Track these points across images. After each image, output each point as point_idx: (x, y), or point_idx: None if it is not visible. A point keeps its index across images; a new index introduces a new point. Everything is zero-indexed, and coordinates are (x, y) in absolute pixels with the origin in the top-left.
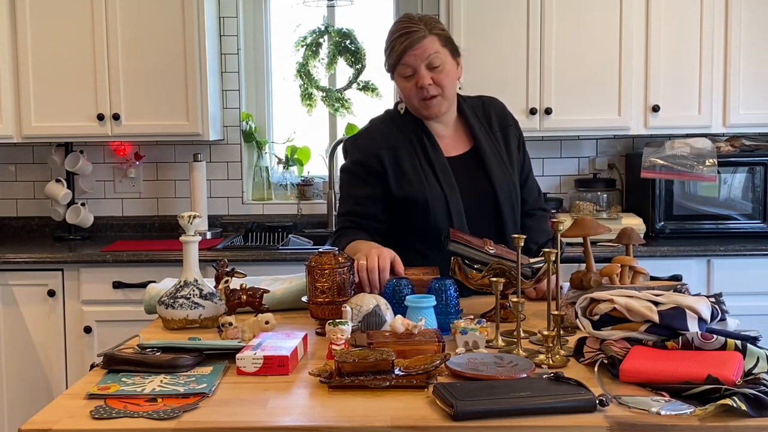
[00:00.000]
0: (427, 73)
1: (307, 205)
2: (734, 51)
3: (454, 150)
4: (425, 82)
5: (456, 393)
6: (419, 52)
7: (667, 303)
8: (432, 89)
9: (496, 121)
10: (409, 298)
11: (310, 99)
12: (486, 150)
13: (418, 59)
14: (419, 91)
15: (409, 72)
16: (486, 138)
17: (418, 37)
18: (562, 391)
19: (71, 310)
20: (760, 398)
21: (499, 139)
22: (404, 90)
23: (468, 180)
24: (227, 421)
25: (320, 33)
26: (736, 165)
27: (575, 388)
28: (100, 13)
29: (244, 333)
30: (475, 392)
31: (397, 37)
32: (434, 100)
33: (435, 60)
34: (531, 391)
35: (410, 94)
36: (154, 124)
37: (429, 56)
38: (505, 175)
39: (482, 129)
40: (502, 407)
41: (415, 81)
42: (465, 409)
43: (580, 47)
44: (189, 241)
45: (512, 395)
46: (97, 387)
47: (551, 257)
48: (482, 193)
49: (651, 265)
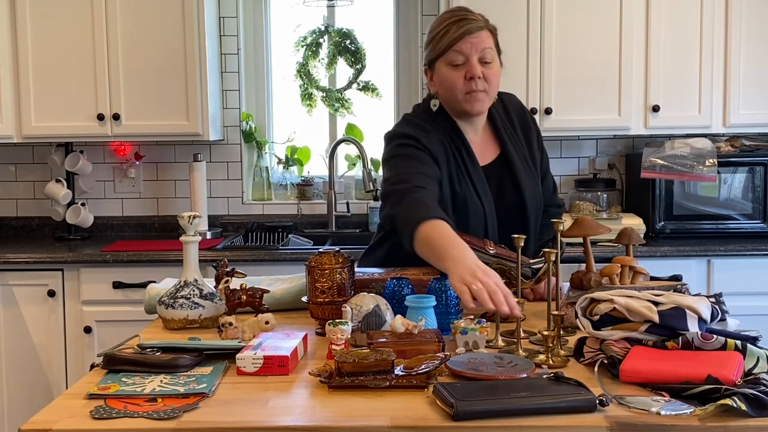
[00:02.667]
0: (478, 64)
1: (307, 205)
2: (734, 51)
3: (483, 158)
4: (476, 73)
5: (456, 393)
6: (476, 41)
7: (667, 303)
8: (480, 83)
9: (517, 120)
10: (409, 298)
11: (310, 99)
12: (514, 157)
13: (473, 48)
14: (467, 83)
15: (460, 60)
16: (512, 142)
17: (477, 26)
18: (562, 391)
19: (71, 310)
20: (760, 398)
21: (522, 140)
22: (449, 79)
23: (498, 190)
24: (227, 421)
25: (320, 33)
26: (736, 165)
27: (575, 388)
28: (100, 14)
29: (244, 333)
30: (475, 392)
31: (453, 22)
32: (480, 94)
33: (488, 54)
34: (531, 391)
35: (456, 85)
36: (154, 124)
37: (484, 49)
38: (532, 183)
39: (507, 132)
40: (502, 407)
41: (465, 71)
42: (465, 409)
43: (580, 47)
44: (189, 241)
45: (512, 395)
46: (97, 387)
47: (551, 257)
48: (512, 204)
49: (651, 265)
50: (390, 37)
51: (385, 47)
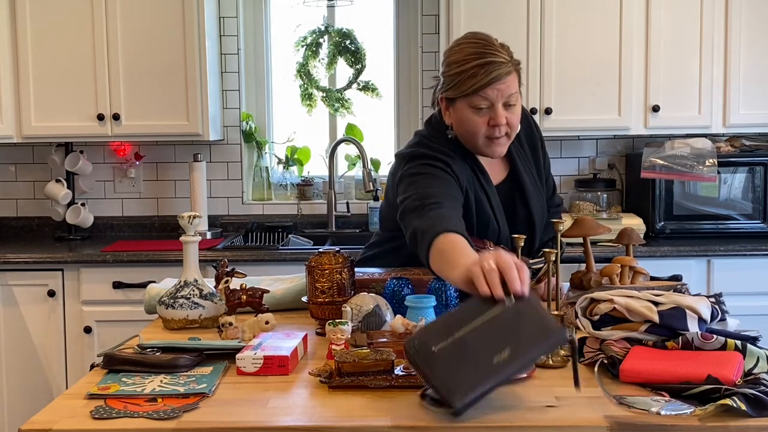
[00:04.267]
0: (503, 112)
1: (307, 205)
2: (734, 51)
3: (495, 178)
4: (501, 121)
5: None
6: (503, 88)
7: (667, 303)
8: (503, 129)
9: (523, 132)
10: (409, 298)
11: (310, 99)
12: (523, 174)
13: (499, 95)
14: (490, 129)
15: (484, 105)
16: (520, 159)
17: (506, 72)
18: (530, 331)
19: (71, 310)
20: (760, 398)
21: (528, 154)
22: (471, 123)
23: (508, 208)
24: (227, 421)
25: (320, 33)
26: (736, 165)
27: (540, 320)
28: (100, 13)
29: (244, 333)
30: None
31: (480, 65)
32: (503, 139)
33: (513, 99)
34: (506, 345)
35: (478, 129)
36: (154, 124)
37: (510, 95)
38: (539, 198)
39: (515, 148)
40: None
41: (489, 117)
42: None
43: (580, 47)
44: (189, 241)
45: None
46: (97, 387)
47: (551, 257)
48: (521, 220)
49: (651, 265)
50: (390, 37)
51: (385, 47)
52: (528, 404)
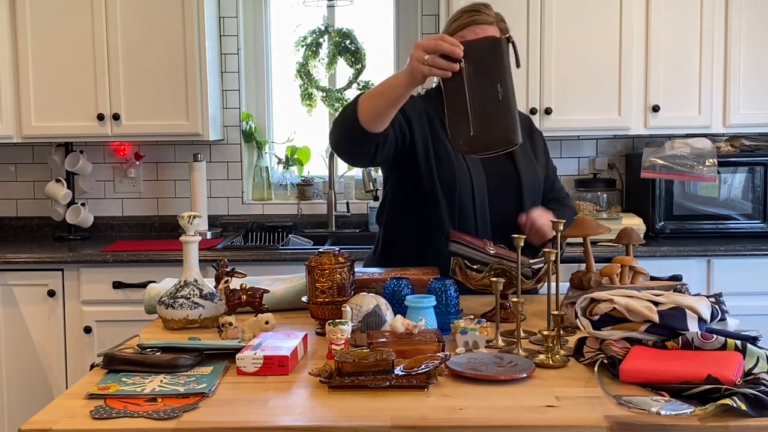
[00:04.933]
0: None
1: (307, 205)
2: (734, 51)
3: None
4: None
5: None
6: (480, 32)
7: (667, 303)
8: None
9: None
10: (409, 298)
11: (310, 99)
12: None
13: (475, 37)
14: None
15: None
16: None
17: (486, 20)
18: (491, 61)
19: (71, 310)
20: (760, 398)
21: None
22: None
23: (494, 165)
24: (227, 421)
25: (320, 33)
26: (736, 165)
27: (488, 50)
28: (100, 13)
29: (244, 333)
30: (494, 122)
31: (466, 11)
32: None
33: None
34: (494, 84)
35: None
36: (154, 124)
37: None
38: (529, 165)
39: None
40: (514, 104)
41: None
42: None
43: (580, 47)
44: (189, 241)
45: (500, 97)
46: (97, 387)
47: (551, 257)
48: (506, 176)
49: (651, 265)
50: (390, 37)
51: (385, 47)
52: (528, 404)
